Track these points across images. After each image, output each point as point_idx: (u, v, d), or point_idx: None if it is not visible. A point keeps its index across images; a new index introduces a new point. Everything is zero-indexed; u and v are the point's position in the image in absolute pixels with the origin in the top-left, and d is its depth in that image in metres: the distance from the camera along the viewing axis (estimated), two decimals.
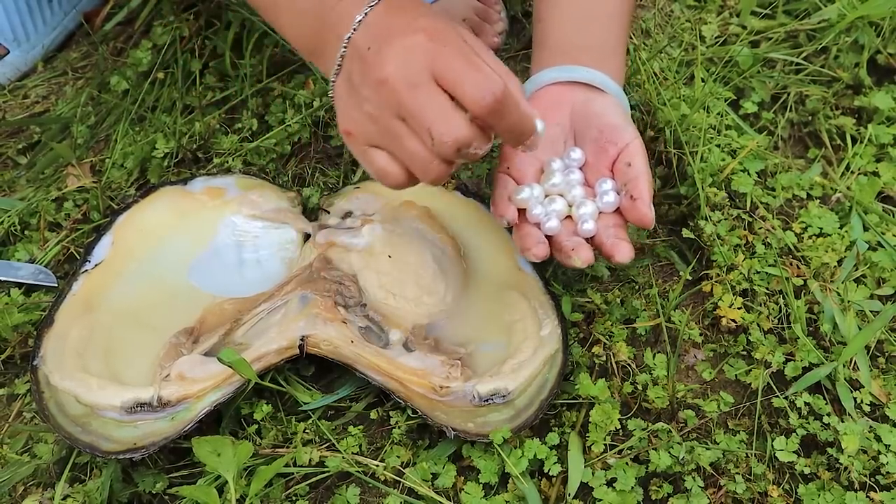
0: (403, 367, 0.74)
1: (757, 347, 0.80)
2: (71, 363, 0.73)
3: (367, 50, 0.63)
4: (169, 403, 0.71)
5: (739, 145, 0.97)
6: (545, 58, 0.83)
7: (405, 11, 0.64)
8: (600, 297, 0.84)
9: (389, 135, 0.64)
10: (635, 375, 0.78)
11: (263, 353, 0.74)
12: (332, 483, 0.73)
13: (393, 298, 0.79)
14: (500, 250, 0.86)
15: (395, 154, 0.65)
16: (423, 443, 0.75)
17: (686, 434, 0.75)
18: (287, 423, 0.74)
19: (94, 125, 1.02)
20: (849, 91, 1.06)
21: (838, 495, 0.70)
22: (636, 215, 0.74)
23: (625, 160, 0.76)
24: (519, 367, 0.75)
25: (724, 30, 1.13)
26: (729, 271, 0.86)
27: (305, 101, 1.01)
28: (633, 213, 0.74)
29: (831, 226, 0.91)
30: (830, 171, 0.99)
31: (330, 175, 0.96)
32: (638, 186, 0.74)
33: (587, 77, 0.79)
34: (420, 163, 0.63)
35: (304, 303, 0.78)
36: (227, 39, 1.05)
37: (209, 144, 0.97)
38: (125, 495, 0.71)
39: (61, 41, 1.13)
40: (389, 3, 0.64)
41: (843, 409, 0.76)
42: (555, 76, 0.80)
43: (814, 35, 1.11)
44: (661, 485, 0.71)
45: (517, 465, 0.70)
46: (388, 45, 0.62)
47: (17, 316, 0.80)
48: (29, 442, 0.75)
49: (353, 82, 0.64)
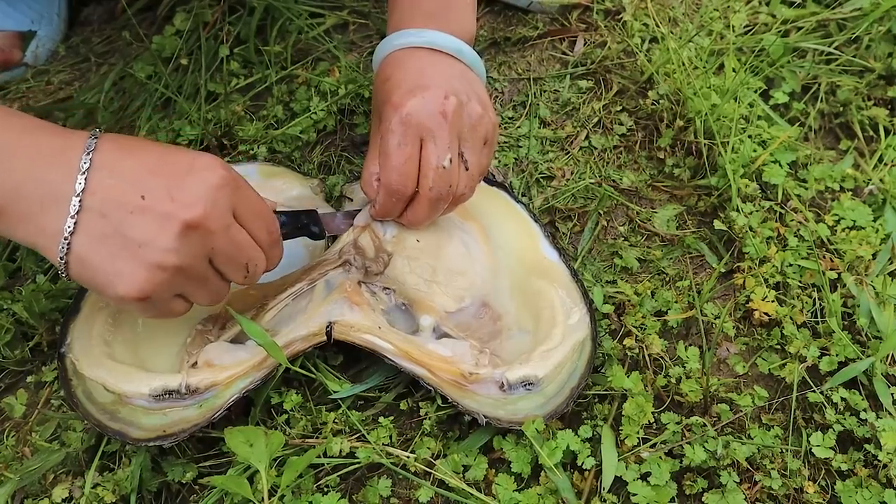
0: (432, 354, 0.74)
1: (791, 341, 0.79)
2: (98, 351, 0.73)
3: (139, 199, 0.56)
4: (197, 391, 0.71)
5: (770, 136, 0.96)
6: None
7: (139, 148, 0.59)
8: (631, 289, 0.83)
9: (198, 280, 0.61)
10: (668, 368, 0.77)
11: (291, 339, 0.73)
12: (363, 474, 0.72)
13: (424, 283, 0.79)
14: (525, 239, 0.85)
15: (193, 294, 0.63)
16: (454, 434, 0.74)
17: (720, 428, 0.74)
18: (317, 413, 0.74)
19: (117, 111, 1.01)
20: (881, 81, 1.04)
21: (876, 493, 0.69)
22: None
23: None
24: (548, 354, 0.74)
25: (754, 19, 1.12)
26: (761, 264, 0.85)
27: (331, 88, 0.99)
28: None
29: (865, 218, 0.89)
30: (863, 163, 0.97)
31: (355, 163, 0.95)
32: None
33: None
34: (216, 295, 0.65)
35: (330, 288, 0.77)
36: (251, 26, 1.04)
37: (234, 131, 0.96)
38: (154, 484, 0.71)
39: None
40: (117, 143, 0.59)
41: (881, 405, 0.75)
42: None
43: (845, 24, 1.09)
44: (695, 479, 0.70)
45: (551, 457, 0.69)
46: (182, 188, 0.57)
47: (44, 303, 0.80)
48: (57, 430, 0.74)
49: (123, 237, 0.56)
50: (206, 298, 0.64)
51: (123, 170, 0.57)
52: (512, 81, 1.05)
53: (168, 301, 0.62)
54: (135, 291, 0.58)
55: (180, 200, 0.57)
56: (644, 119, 1.01)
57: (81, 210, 0.56)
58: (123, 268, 0.57)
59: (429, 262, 0.79)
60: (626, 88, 1.03)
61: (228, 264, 0.63)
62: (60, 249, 0.57)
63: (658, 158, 0.97)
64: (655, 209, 0.92)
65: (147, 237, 0.57)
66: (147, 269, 0.57)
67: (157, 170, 0.58)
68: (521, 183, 0.94)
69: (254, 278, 0.66)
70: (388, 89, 0.74)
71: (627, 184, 0.95)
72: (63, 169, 0.56)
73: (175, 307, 0.63)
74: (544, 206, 0.91)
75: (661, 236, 0.90)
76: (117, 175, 0.57)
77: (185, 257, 0.58)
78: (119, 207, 0.56)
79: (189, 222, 0.57)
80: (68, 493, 0.70)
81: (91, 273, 0.58)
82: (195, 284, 0.62)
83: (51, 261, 0.58)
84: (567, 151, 0.98)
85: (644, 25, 1.09)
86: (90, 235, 0.57)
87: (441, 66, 0.76)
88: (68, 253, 0.57)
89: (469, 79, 0.77)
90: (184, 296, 0.63)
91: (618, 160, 0.97)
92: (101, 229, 0.56)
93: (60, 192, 0.56)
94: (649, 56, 1.05)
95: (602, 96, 1.03)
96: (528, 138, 0.98)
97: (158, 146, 0.61)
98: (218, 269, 0.63)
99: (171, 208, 0.57)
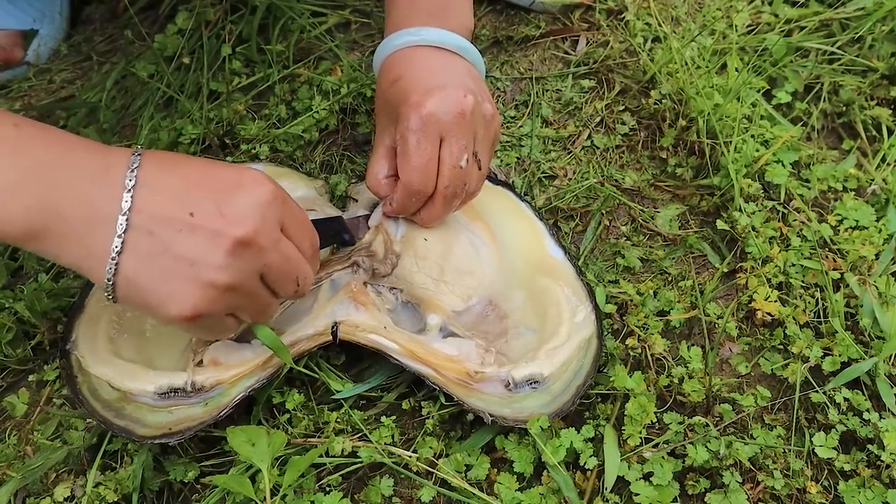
0: (437, 353, 0.73)
1: (794, 341, 0.79)
2: (103, 348, 0.73)
3: (187, 216, 0.55)
4: (203, 389, 0.71)
5: (773, 136, 0.95)
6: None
7: (183, 163, 0.58)
8: (633, 289, 0.83)
9: (250, 296, 0.60)
10: (671, 368, 0.77)
11: (296, 339, 0.73)
12: (365, 474, 0.72)
13: (432, 283, 0.78)
14: (531, 237, 0.85)
15: (244, 311, 0.62)
16: (456, 433, 0.74)
17: (722, 428, 0.74)
18: (319, 413, 0.74)
19: (119, 110, 1.01)
20: (884, 81, 1.04)
21: (879, 493, 0.69)
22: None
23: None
24: (554, 353, 0.74)
25: (757, 18, 1.11)
26: (764, 264, 0.85)
27: (333, 87, 0.99)
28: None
29: (867, 219, 0.89)
30: (866, 163, 0.97)
31: (358, 162, 0.95)
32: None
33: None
34: (266, 312, 0.64)
35: (335, 288, 0.77)
36: (253, 25, 1.04)
37: (236, 130, 0.96)
38: (156, 483, 0.71)
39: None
40: (160, 159, 0.57)
41: (884, 406, 0.75)
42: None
43: (848, 24, 1.09)
44: (697, 480, 0.70)
45: (554, 455, 0.69)
46: (231, 204, 0.56)
47: (46, 302, 0.79)
48: (59, 428, 0.74)
49: (173, 256, 0.55)
50: (257, 315, 0.63)
51: (170, 186, 0.56)
52: (514, 81, 1.05)
53: (220, 319, 0.60)
54: (188, 311, 0.56)
55: (230, 216, 0.56)
56: (646, 119, 1.00)
57: (128, 229, 0.54)
58: (175, 287, 0.55)
59: (437, 262, 0.79)
60: (629, 88, 1.03)
61: (280, 279, 0.61)
62: (108, 271, 0.55)
63: (660, 158, 0.97)
64: (658, 209, 0.92)
65: (198, 255, 0.55)
66: (200, 288, 0.55)
67: (204, 185, 0.56)
68: (524, 182, 0.93)
69: (304, 291, 0.65)
70: (401, 89, 0.73)
71: (630, 183, 0.94)
72: (108, 188, 0.54)
73: (227, 325, 0.62)
74: (547, 205, 0.91)
75: (663, 236, 0.90)
76: (164, 191, 0.55)
77: (238, 274, 0.57)
78: (167, 225, 0.55)
79: (240, 239, 0.56)
80: (70, 492, 0.70)
81: (141, 294, 0.56)
82: (247, 301, 0.60)
83: (97, 284, 0.56)
84: (569, 151, 0.98)
85: (646, 25, 1.09)
86: (138, 255, 0.55)
87: (452, 65, 0.76)
88: (116, 274, 0.55)
89: (475, 77, 0.77)
90: (235, 314, 0.61)
91: (620, 160, 0.97)
92: (150, 248, 0.55)
93: (106, 212, 0.54)
94: (652, 55, 1.04)
95: (604, 96, 1.03)
96: (531, 138, 0.98)
97: (202, 161, 0.60)
98: (269, 284, 0.61)
99: (220, 225, 0.55)
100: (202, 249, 0.55)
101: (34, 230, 0.54)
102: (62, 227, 0.54)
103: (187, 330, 0.60)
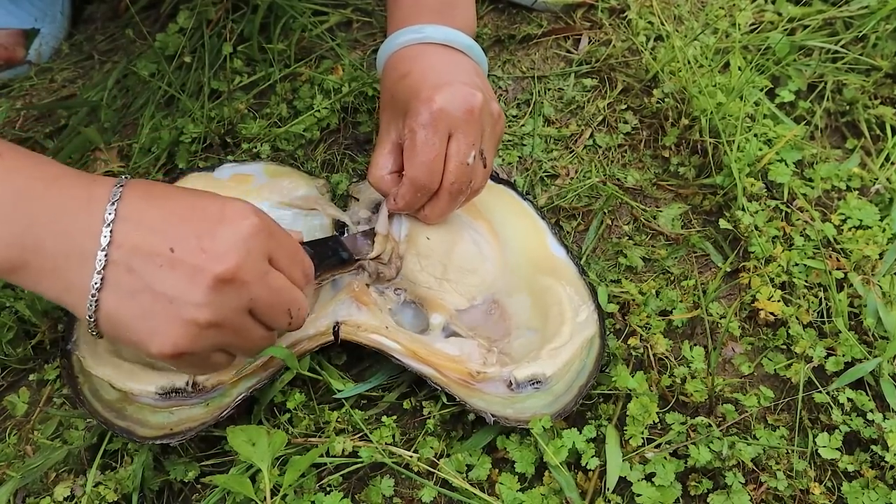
0: (439, 354, 0.73)
1: (797, 341, 0.78)
2: (104, 349, 0.72)
3: (167, 251, 0.53)
4: (204, 389, 0.71)
5: (776, 135, 0.95)
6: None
7: (167, 195, 0.57)
8: (635, 288, 0.82)
9: (238, 332, 0.58)
10: (673, 368, 0.77)
11: (298, 338, 0.73)
12: (366, 474, 0.72)
13: (435, 282, 0.78)
14: (533, 236, 0.84)
15: (234, 347, 0.60)
16: (457, 434, 0.74)
17: (725, 429, 0.73)
18: (320, 413, 0.73)
19: (120, 109, 1.01)
20: (888, 80, 1.04)
21: (883, 494, 0.68)
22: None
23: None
24: (556, 352, 0.74)
25: (760, 17, 1.11)
26: (767, 263, 0.84)
27: (335, 86, 0.99)
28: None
29: (871, 218, 0.89)
30: (869, 162, 0.96)
31: (359, 161, 0.95)
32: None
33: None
34: (261, 346, 0.62)
35: (336, 288, 0.77)
36: (254, 23, 1.04)
37: (237, 129, 0.96)
38: (156, 483, 0.71)
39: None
40: (143, 191, 0.56)
41: (887, 406, 0.74)
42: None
43: (851, 22, 1.08)
44: (700, 480, 0.70)
45: (556, 456, 0.69)
46: (213, 239, 0.54)
47: (46, 301, 0.79)
48: (59, 428, 0.74)
49: (153, 293, 0.54)
50: (250, 350, 0.61)
51: (151, 220, 0.54)
52: (516, 80, 1.05)
53: (207, 356, 0.59)
54: (168, 348, 0.55)
55: (212, 251, 0.54)
56: (649, 117, 1.00)
57: (108, 265, 0.53)
58: (156, 325, 0.54)
59: (440, 260, 0.79)
60: (631, 87, 1.03)
61: (270, 312, 0.59)
62: (89, 307, 0.54)
63: (663, 157, 0.97)
64: (660, 208, 0.92)
65: (178, 292, 0.53)
66: (180, 326, 0.54)
67: (187, 218, 0.55)
68: (526, 181, 0.93)
69: (298, 322, 0.62)
70: (410, 85, 0.73)
71: (632, 182, 0.94)
72: (88, 221, 0.53)
73: (216, 361, 0.60)
74: (549, 204, 0.91)
75: (665, 235, 0.90)
76: (145, 226, 0.54)
77: (220, 311, 0.55)
78: (147, 261, 0.54)
79: (221, 275, 0.54)
80: (70, 492, 0.70)
81: (122, 331, 0.55)
82: (234, 337, 0.58)
83: (80, 319, 0.55)
84: (571, 150, 0.97)
85: (649, 23, 1.09)
86: (119, 291, 0.54)
87: (458, 62, 0.76)
88: (97, 310, 0.54)
89: (481, 75, 0.77)
90: (225, 349, 0.60)
91: (622, 159, 0.97)
92: (130, 285, 0.53)
93: (86, 247, 0.53)
94: (654, 54, 1.04)
95: (607, 95, 1.02)
96: (533, 137, 0.98)
97: (187, 192, 0.58)
98: (260, 318, 0.59)
99: (201, 260, 0.54)
100: (182, 286, 0.54)
101: (13, 263, 0.53)
102: (42, 261, 0.53)
103: (175, 367, 0.59)
